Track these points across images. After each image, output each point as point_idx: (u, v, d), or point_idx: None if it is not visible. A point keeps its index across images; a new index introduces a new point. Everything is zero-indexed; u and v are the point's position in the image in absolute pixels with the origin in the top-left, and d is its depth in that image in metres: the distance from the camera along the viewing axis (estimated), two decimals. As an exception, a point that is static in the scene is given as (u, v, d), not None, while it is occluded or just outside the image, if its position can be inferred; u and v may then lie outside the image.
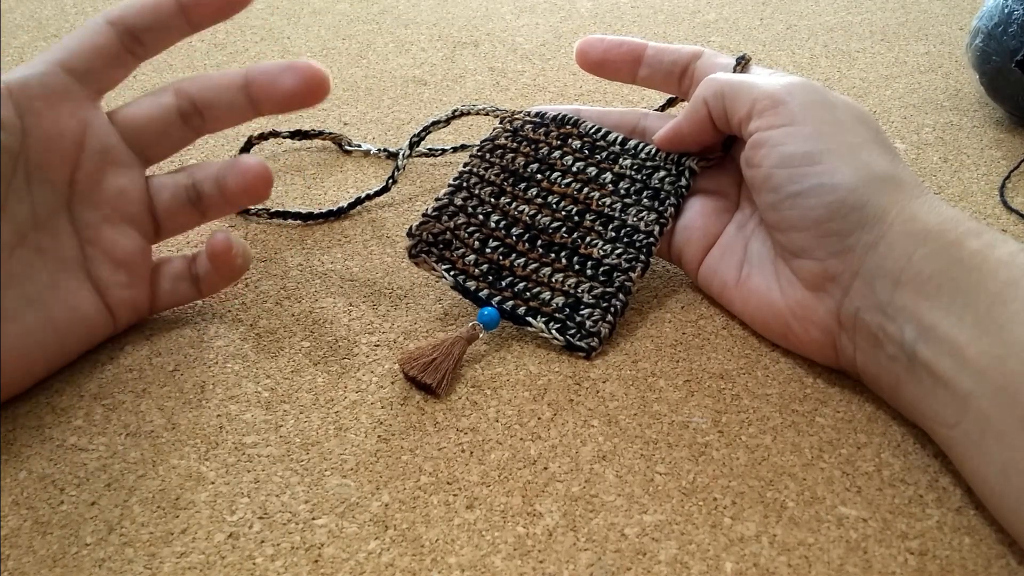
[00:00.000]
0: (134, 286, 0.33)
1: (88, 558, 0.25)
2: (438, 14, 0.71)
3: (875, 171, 0.30)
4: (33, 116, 0.29)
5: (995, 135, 0.51)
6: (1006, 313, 0.25)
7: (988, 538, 0.26)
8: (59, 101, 0.30)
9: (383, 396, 0.32)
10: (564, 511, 0.27)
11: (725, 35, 0.68)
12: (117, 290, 0.32)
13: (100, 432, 0.30)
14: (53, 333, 0.31)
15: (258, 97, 0.32)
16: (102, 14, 0.31)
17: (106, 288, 0.32)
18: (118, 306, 0.33)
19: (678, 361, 0.33)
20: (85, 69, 0.30)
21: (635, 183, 0.36)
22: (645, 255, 0.35)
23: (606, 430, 0.30)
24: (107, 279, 0.32)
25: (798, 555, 0.26)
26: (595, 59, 0.39)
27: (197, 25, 0.32)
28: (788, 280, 0.32)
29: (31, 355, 0.30)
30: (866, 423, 0.31)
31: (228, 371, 0.33)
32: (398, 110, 0.54)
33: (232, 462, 0.29)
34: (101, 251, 0.32)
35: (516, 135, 0.39)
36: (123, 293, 0.33)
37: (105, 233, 0.32)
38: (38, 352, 0.30)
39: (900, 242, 0.28)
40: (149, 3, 0.31)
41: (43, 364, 0.31)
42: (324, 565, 0.25)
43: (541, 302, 0.34)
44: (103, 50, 0.31)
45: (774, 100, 0.31)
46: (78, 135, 0.31)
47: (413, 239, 0.35)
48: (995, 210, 0.44)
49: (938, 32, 0.68)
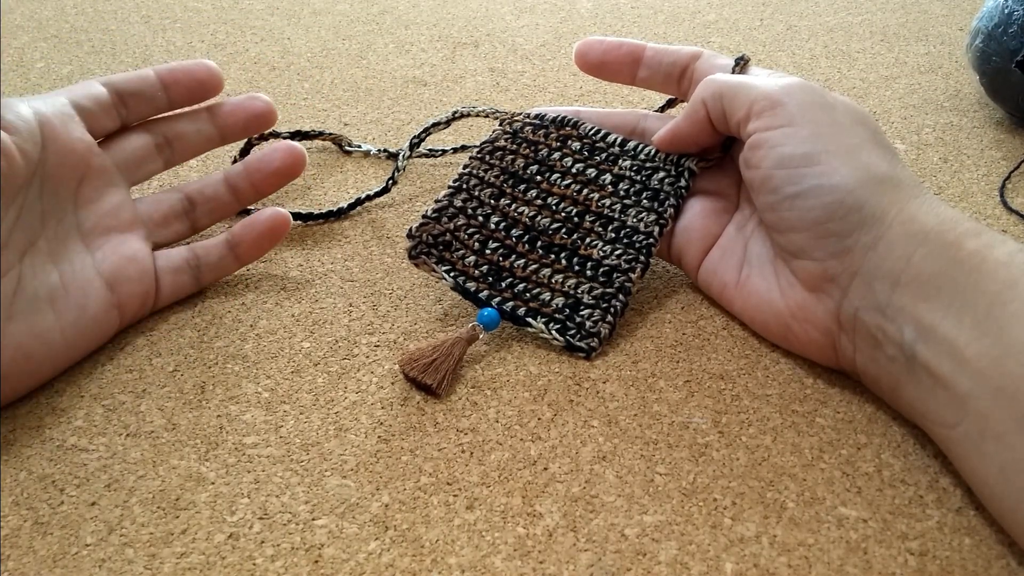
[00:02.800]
0: (140, 281, 0.34)
1: (88, 558, 0.26)
2: (438, 15, 0.71)
3: (874, 172, 0.30)
4: (50, 130, 0.32)
5: (995, 136, 0.51)
6: (1005, 314, 0.25)
7: (988, 539, 0.26)
8: (70, 124, 0.33)
9: (383, 397, 0.32)
10: (564, 512, 0.27)
11: (725, 36, 0.68)
12: (125, 286, 0.33)
13: (100, 432, 0.30)
14: (61, 334, 0.31)
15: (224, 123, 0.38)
16: (96, 78, 0.36)
17: (116, 283, 0.33)
18: (125, 303, 0.33)
19: (678, 362, 0.33)
20: (84, 108, 0.34)
21: (635, 184, 0.36)
22: (645, 256, 0.35)
23: (606, 431, 0.30)
24: (116, 274, 0.33)
25: (798, 555, 0.26)
26: (594, 61, 0.39)
27: (175, 103, 0.37)
28: (788, 281, 0.32)
29: (39, 357, 0.31)
30: (866, 424, 0.31)
31: (228, 371, 0.33)
32: (398, 111, 0.54)
33: (232, 463, 0.29)
34: (108, 250, 0.33)
35: (516, 137, 0.39)
36: (130, 288, 0.33)
37: (110, 236, 0.34)
38: (46, 354, 0.31)
39: (899, 243, 0.28)
40: (136, 73, 0.36)
41: (51, 366, 0.31)
42: (324, 565, 0.25)
43: (541, 303, 0.34)
44: (98, 99, 0.35)
45: (772, 101, 0.31)
46: (85, 156, 0.33)
47: (413, 240, 0.36)
48: (995, 211, 0.44)
49: (938, 33, 0.68)
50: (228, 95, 0.55)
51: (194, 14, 0.70)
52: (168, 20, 0.68)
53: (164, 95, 0.36)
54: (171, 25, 0.67)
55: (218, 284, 0.38)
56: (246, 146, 0.46)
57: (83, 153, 0.33)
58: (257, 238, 0.36)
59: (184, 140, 0.37)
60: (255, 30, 0.67)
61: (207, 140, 0.38)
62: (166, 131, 0.37)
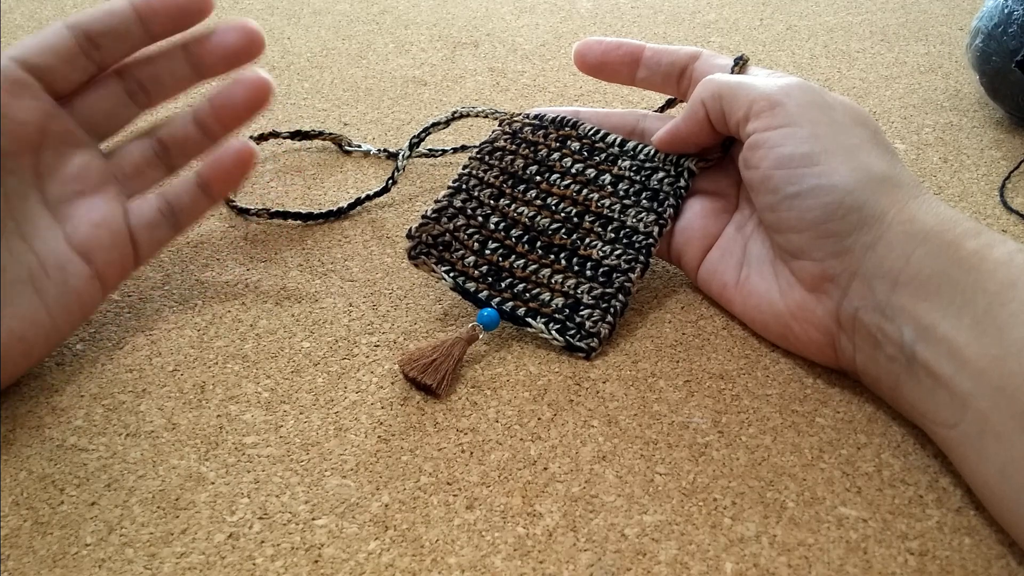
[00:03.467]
0: (115, 247, 0.33)
1: (88, 558, 0.26)
2: (438, 15, 0.71)
3: (873, 172, 0.30)
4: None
5: (995, 136, 0.51)
6: (1004, 314, 0.25)
7: (988, 539, 0.26)
8: (19, 93, 0.31)
9: (383, 396, 0.32)
10: (564, 511, 0.27)
11: (725, 35, 0.68)
12: (101, 253, 0.32)
13: (100, 432, 0.30)
14: (48, 314, 0.31)
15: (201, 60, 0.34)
16: (62, 19, 0.32)
17: (90, 253, 0.32)
18: (104, 271, 0.32)
19: (678, 361, 0.33)
20: (41, 66, 0.31)
21: (634, 184, 0.36)
22: (644, 256, 0.35)
23: (606, 430, 0.30)
24: (92, 245, 0.32)
25: (798, 555, 0.26)
26: (593, 61, 0.39)
27: (156, 35, 0.33)
28: (787, 281, 0.32)
29: (28, 339, 0.30)
30: (866, 423, 0.31)
31: (228, 371, 0.33)
32: (398, 111, 0.54)
33: (232, 462, 0.29)
34: (77, 220, 0.32)
35: (515, 137, 0.39)
36: (106, 256, 0.32)
37: (77, 203, 0.32)
38: (35, 335, 0.30)
39: (898, 242, 0.28)
40: (106, 8, 0.32)
41: (43, 345, 0.31)
42: (324, 565, 0.25)
43: (541, 303, 0.34)
44: (59, 50, 0.31)
45: (771, 101, 0.31)
46: (40, 124, 0.31)
47: (413, 240, 0.36)
48: (995, 210, 0.44)
49: (938, 33, 0.68)
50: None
51: (194, 14, 0.69)
52: (168, 20, 0.68)
53: (141, 29, 0.32)
54: (171, 25, 0.67)
55: (218, 284, 0.38)
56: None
57: (37, 124, 0.31)
58: (226, 174, 0.35)
59: (160, 83, 0.34)
60: (255, 30, 0.67)
61: (185, 80, 0.35)
62: (139, 74, 0.34)
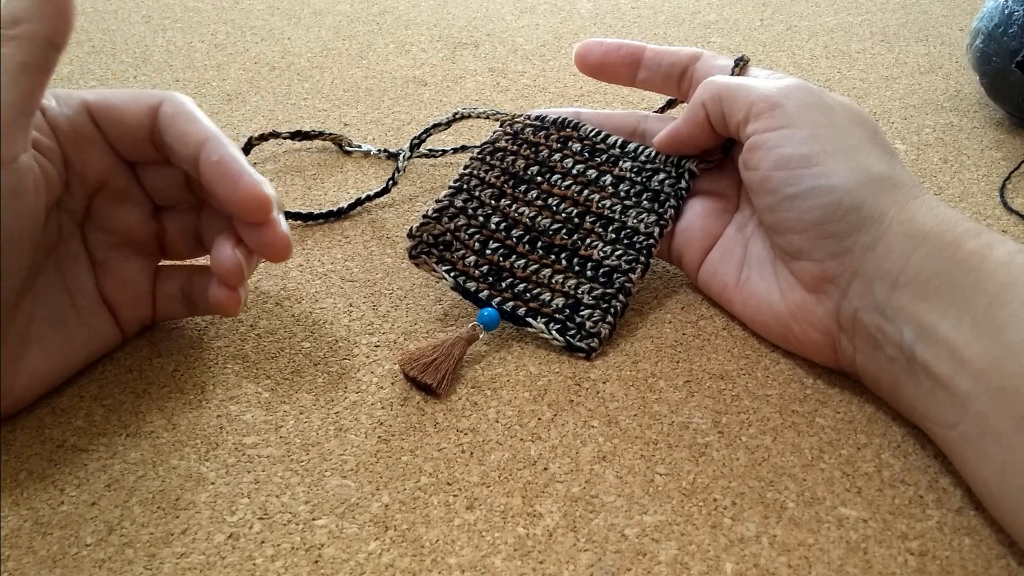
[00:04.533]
0: (139, 307, 0.33)
1: (88, 558, 0.26)
2: (438, 15, 0.71)
3: (872, 172, 0.30)
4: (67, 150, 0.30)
5: (995, 136, 0.51)
6: (1004, 314, 0.25)
7: (988, 539, 0.26)
8: (87, 144, 0.30)
9: (383, 397, 0.32)
10: (564, 512, 0.27)
11: (725, 36, 0.68)
12: (125, 309, 0.33)
13: (100, 432, 0.30)
14: (73, 353, 0.31)
15: None
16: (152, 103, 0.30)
17: (115, 306, 0.32)
18: (126, 323, 0.33)
19: (678, 362, 0.33)
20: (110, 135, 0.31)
21: (635, 185, 0.36)
22: (645, 256, 0.35)
23: (606, 431, 0.30)
24: (116, 299, 0.32)
25: (798, 555, 0.26)
26: (594, 62, 0.39)
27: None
28: (787, 282, 0.32)
29: (54, 379, 0.31)
30: (866, 424, 0.31)
31: (228, 371, 0.33)
32: (398, 111, 0.54)
33: (232, 463, 0.29)
34: (109, 272, 0.32)
35: (516, 138, 0.39)
36: (130, 312, 0.33)
37: (112, 256, 0.32)
38: (58, 373, 0.31)
39: (898, 243, 0.28)
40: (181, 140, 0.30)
41: (58, 379, 0.31)
42: (324, 566, 0.25)
43: (541, 303, 0.34)
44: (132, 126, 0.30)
45: (771, 103, 0.31)
46: (103, 174, 0.31)
47: (413, 240, 0.36)
48: (995, 211, 0.44)
49: (938, 33, 0.68)
50: (229, 96, 0.55)
51: (194, 14, 0.70)
52: (168, 20, 0.68)
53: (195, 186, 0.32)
54: (171, 25, 0.67)
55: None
56: (246, 146, 0.46)
57: (99, 174, 0.31)
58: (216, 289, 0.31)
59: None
60: (255, 30, 0.67)
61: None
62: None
